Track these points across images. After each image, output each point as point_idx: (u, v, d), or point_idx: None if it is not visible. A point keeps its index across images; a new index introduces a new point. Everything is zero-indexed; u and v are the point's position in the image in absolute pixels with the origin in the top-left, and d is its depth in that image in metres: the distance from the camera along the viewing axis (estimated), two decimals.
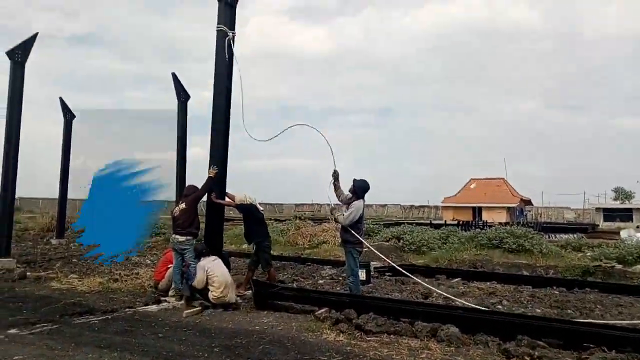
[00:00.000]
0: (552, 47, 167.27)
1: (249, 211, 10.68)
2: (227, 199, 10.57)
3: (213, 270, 9.10)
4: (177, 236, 9.66)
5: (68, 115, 21.55)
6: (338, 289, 10.95)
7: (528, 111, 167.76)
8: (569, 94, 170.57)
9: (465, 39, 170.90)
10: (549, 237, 24.30)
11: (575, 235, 25.49)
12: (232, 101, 10.67)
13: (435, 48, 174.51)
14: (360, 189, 9.74)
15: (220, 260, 9.54)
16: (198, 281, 9.07)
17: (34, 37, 14.74)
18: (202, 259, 9.39)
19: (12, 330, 7.26)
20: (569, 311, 9.19)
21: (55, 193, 22.69)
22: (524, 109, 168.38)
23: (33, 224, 28.12)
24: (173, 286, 9.87)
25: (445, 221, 42.65)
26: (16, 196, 15.23)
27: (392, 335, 7.13)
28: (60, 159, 21.63)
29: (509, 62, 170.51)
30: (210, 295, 9.00)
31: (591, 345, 6.52)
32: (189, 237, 9.65)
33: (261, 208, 10.97)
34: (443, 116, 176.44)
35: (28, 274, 12.22)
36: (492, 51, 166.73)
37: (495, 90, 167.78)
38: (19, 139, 14.37)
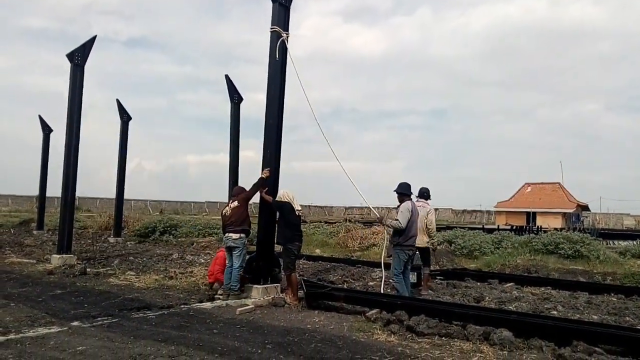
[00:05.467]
0: (614, 47, 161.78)
1: (280, 210, 10.00)
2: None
3: None
4: (231, 234, 9.84)
5: (125, 117, 22.20)
6: (388, 291, 10.92)
7: (587, 114, 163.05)
8: (631, 95, 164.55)
9: (523, 39, 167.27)
10: (607, 244, 23.63)
11: (634, 242, 24.69)
12: (286, 102, 10.57)
13: (492, 49, 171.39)
14: (401, 187, 9.92)
15: None
16: None
17: (92, 40, 15.16)
18: None
19: (75, 323, 7.59)
20: (627, 318, 8.91)
21: (111, 193, 23.48)
22: (582, 112, 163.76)
23: (91, 223, 29.10)
24: (224, 284, 10.04)
25: (498, 226, 41.77)
26: (76, 195, 15.73)
27: (443, 338, 7.09)
28: (117, 160, 22.34)
29: (568, 63, 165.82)
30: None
31: None
32: (242, 235, 9.84)
33: (298, 208, 10.09)
34: (498, 119, 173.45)
35: (88, 270, 12.66)
36: (552, 52, 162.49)
37: (553, 92, 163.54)
38: (78, 140, 14.84)
